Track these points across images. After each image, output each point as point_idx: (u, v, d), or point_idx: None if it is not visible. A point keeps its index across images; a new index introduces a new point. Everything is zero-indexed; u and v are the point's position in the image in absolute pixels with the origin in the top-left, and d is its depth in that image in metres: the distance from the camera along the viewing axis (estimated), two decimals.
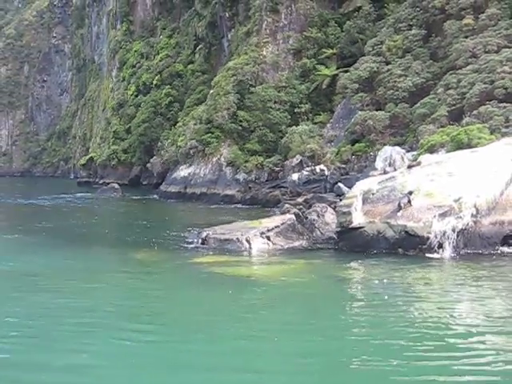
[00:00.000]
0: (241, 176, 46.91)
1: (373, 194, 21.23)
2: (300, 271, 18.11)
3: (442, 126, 33.76)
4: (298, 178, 41.15)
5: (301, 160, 43.35)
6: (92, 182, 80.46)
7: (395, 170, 23.76)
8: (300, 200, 33.31)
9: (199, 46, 73.14)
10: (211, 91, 51.72)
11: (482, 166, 21.22)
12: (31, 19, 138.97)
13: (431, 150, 30.06)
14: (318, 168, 40.83)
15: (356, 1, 49.33)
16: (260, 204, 41.16)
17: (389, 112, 39.91)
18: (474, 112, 31.46)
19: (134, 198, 52.95)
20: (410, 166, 23.05)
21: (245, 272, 17.87)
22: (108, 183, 65.40)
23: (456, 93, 34.86)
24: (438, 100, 36.26)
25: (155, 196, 53.02)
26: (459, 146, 28.31)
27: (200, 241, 22.58)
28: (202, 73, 71.23)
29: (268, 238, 21.37)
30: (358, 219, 20.59)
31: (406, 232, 19.51)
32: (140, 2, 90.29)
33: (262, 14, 51.50)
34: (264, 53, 50.31)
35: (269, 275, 17.67)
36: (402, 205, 20.03)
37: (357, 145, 40.54)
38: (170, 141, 63.17)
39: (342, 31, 49.13)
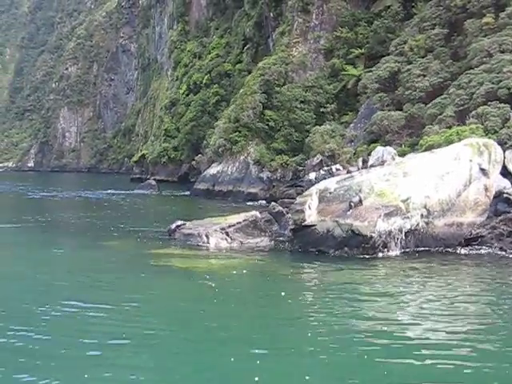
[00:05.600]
0: (264, 174, 47.48)
1: (330, 193, 21.46)
2: (237, 266, 18.61)
3: (448, 127, 33.32)
4: (315, 178, 41.28)
5: (321, 159, 43.54)
6: (144, 179, 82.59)
7: (358, 169, 23.86)
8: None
9: (247, 46, 73.94)
10: (241, 90, 52.55)
11: (438, 166, 21.07)
12: (100, 20, 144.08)
13: (429, 150, 29.82)
14: (334, 168, 40.85)
15: (386, 0, 48.94)
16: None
17: (406, 112, 39.61)
18: (473, 113, 30.96)
19: (167, 194, 54.32)
20: (371, 166, 23.11)
21: (184, 264, 18.54)
22: (158, 180, 67.71)
23: (465, 93, 34.26)
24: (449, 100, 35.77)
25: (187, 193, 54.24)
26: None
27: (168, 234, 23.50)
28: (248, 72, 71.66)
29: (227, 233, 21.97)
30: (311, 217, 20.89)
31: (352, 231, 19.69)
32: (195, 2, 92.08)
33: (293, 15, 51.89)
34: (294, 53, 50.66)
35: (207, 268, 18.29)
36: (353, 204, 20.19)
37: (372, 145, 40.35)
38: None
39: (372, 31, 48.89)
